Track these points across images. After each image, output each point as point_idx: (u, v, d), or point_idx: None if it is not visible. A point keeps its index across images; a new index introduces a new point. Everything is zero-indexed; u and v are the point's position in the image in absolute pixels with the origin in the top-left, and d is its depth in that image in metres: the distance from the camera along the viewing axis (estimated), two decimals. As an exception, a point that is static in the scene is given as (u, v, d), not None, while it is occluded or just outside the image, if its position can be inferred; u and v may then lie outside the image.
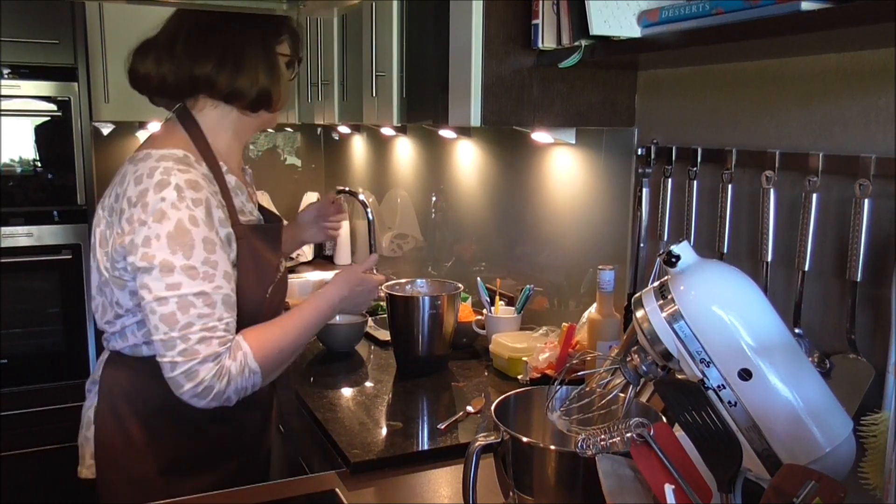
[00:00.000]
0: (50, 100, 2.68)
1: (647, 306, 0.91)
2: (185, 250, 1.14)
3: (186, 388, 1.14)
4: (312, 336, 1.35)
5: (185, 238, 1.13)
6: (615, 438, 0.86)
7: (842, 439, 0.86)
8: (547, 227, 1.92)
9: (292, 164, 3.66)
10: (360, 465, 1.29)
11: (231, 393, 1.17)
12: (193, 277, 1.14)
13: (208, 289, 1.15)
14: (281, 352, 1.24)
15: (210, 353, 1.14)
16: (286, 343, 1.25)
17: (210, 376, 1.14)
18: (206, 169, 1.23)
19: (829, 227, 1.15)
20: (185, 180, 1.16)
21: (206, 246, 1.15)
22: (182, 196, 1.14)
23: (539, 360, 1.64)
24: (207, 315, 1.14)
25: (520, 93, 1.43)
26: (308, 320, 1.31)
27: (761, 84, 1.27)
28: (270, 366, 1.22)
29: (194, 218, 1.14)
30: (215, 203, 1.19)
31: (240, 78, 1.23)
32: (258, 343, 1.20)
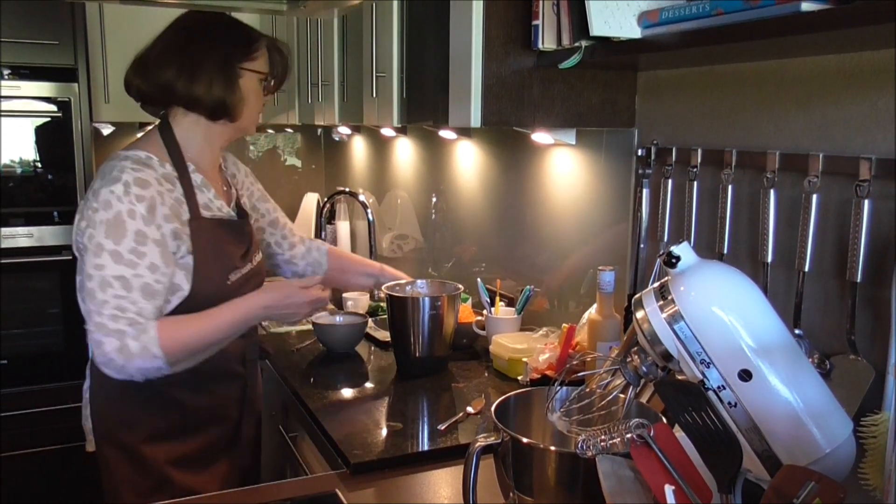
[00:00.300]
0: (50, 100, 2.68)
1: (647, 307, 0.91)
2: (117, 238, 1.29)
3: (95, 354, 1.31)
4: (230, 335, 1.41)
5: (120, 227, 1.29)
6: (615, 439, 0.86)
7: (842, 440, 0.86)
8: (547, 228, 1.92)
9: (292, 164, 3.66)
10: (360, 466, 1.29)
11: (133, 371, 1.30)
12: (117, 262, 1.29)
13: (128, 274, 1.29)
14: (187, 345, 1.34)
15: (115, 330, 1.28)
16: (196, 337, 1.36)
17: (112, 349, 1.28)
18: (170, 169, 1.39)
19: (828, 227, 1.15)
20: (134, 178, 1.32)
21: (136, 237, 1.30)
22: (128, 192, 1.30)
23: (539, 360, 1.64)
24: (122, 297, 1.29)
25: (520, 94, 1.44)
26: (224, 320, 1.38)
27: (761, 85, 1.27)
28: (177, 354, 1.32)
29: (133, 212, 1.30)
30: (163, 201, 1.34)
31: (195, 86, 1.37)
32: (167, 332, 1.31)
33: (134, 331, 1.29)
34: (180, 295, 1.37)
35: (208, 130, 1.45)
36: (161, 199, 1.34)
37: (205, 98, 1.38)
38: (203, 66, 1.38)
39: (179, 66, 1.38)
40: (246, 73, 1.42)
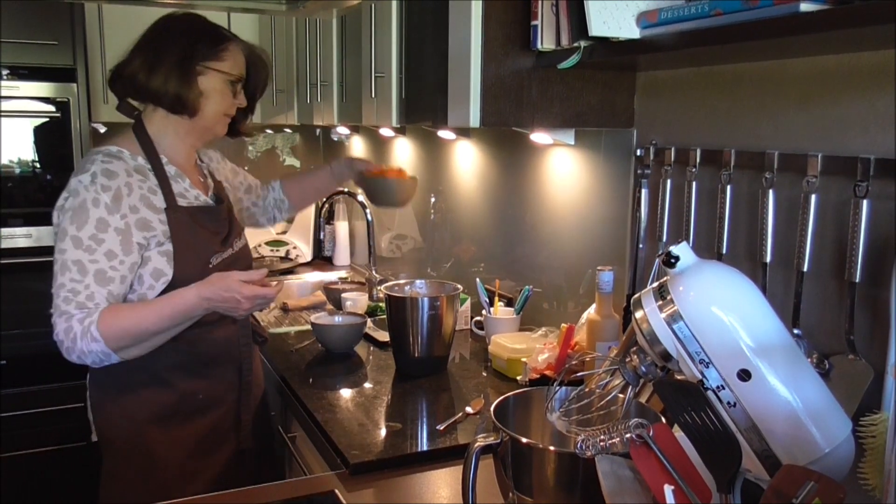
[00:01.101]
0: (49, 101, 2.68)
1: (646, 307, 0.91)
2: (79, 224, 1.35)
3: (54, 334, 1.36)
4: (171, 325, 1.41)
5: (83, 214, 1.36)
6: (614, 439, 0.86)
7: (841, 440, 0.86)
8: (546, 228, 1.92)
9: (291, 164, 3.66)
10: (359, 466, 1.29)
11: (80, 353, 1.35)
12: (77, 247, 1.35)
13: (85, 259, 1.35)
14: (126, 330, 1.36)
15: (65, 311, 1.35)
16: (134, 323, 1.37)
17: (61, 331, 1.35)
18: (143, 162, 1.46)
19: (827, 228, 1.15)
20: (102, 169, 1.38)
21: (98, 225, 1.36)
22: (94, 181, 1.37)
23: (538, 360, 1.64)
24: (77, 281, 1.35)
25: (519, 94, 1.44)
26: (162, 309, 1.39)
27: (760, 85, 1.27)
28: (117, 340, 1.35)
29: (97, 200, 1.36)
30: (131, 192, 1.39)
31: (152, 79, 1.42)
32: (108, 317, 1.35)
33: (80, 314, 1.34)
34: (164, 280, 1.42)
35: (177, 126, 1.50)
36: (129, 189, 1.39)
37: (160, 91, 1.43)
38: (161, 60, 1.43)
39: (142, 60, 1.44)
40: (209, 72, 1.46)
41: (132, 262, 1.40)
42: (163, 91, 1.43)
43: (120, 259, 1.38)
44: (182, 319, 1.41)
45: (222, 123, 1.54)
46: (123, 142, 1.48)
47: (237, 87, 1.53)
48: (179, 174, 1.50)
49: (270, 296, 1.43)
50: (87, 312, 1.35)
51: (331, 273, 3.01)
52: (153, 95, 1.45)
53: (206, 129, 1.53)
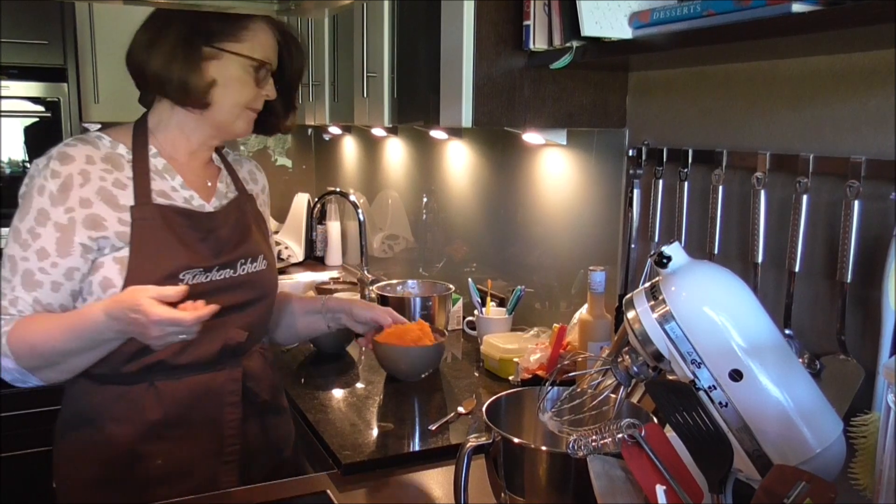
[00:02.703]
0: (39, 101, 2.66)
1: (638, 307, 0.91)
2: (22, 214, 1.18)
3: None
4: (82, 345, 1.15)
5: (27, 203, 1.18)
6: (606, 439, 0.85)
7: (832, 440, 0.86)
8: (538, 229, 1.92)
9: (283, 164, 3.65)
10: (351, 467, 1.29)
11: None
12: (14, 240, 1.18)
13: (17, 255, 1.17)
14: (34, 347, 1.14)
15: None
16: (41, 338, 1.14)
17: None
18: (123, 151, 1.24)
19: (819, 228, 1.15)
20: (58, 152, 1.19)
21: (37, 216, 1.17)
22: (47, 165, 1.18)
23: (530, 361, 1.64)
24: (7, 280, 1.17)
25: (511, 94, 1.43)
26: (71, 325, 1.14)
27: (752, 86, 1.28)
28: (26, 357, 1.14)
29: (43, 188, 1.17)
30: (86, 182, 1.18)
31: (152, 59, 1.20)
32: (19, 329, 1.14)
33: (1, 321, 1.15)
34: (112, 292, 1.17)
35: (183, 120, 1.27)
36: (84, 179, 1.17)
37: (163, 74, 1.20)
38: (164, 37, 1.20)
39: (145, 40, 1.22)
40: (224, 55, 1.22)
41: (69, 267, 1.17)
42: (165, 75, 1.20)
43: (52, 261, 1.16)
44: (91, 340, 1.14)
45: (244, 119, 1.28)
46: (114, 129, 1.28)
47: (261, 74, 1.26)
48: (169, 169, 1.26)
49: (185, 322, 1.07)
50: (6, 321, 1.15)
51: (323, 273, 3.00)
52: (155, 81, 1.22)
53: (222, 127, 1.28)
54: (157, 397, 1.23)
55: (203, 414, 1.27)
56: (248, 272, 1.31)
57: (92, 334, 1.13)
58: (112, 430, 1.23)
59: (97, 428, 1.23)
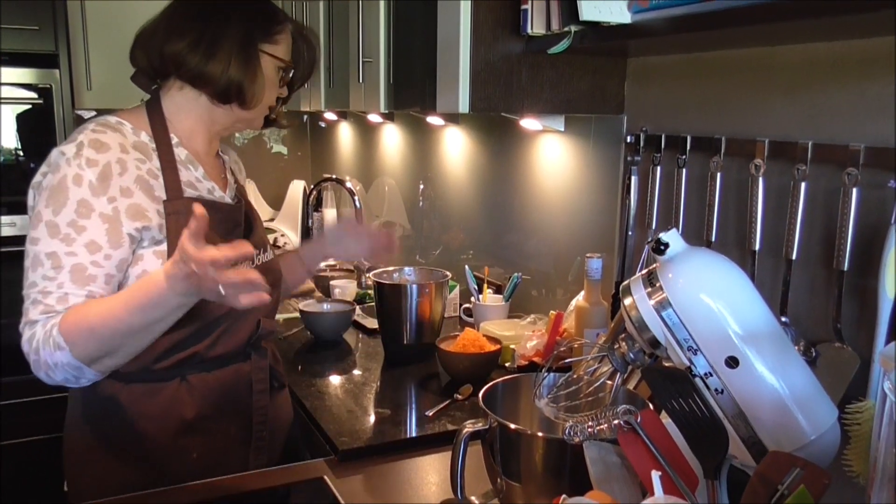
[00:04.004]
0: (31, 87, 2.63)
1: (635, 294, 0.91)
2: (56, 206, 1.10)
3: None
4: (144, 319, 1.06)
5: (61, 195, 1.10)
6: (602, 425, 0.86)
7: (827, 427, 0.87)
8: (535, 215, 1.92)
9: (279, 151, 3.63)
10: (348, 453, 1.29)
11: (44, 366, 1.08)
12: (52, 236, 1.09)
13: (61, 251, 1.09)
14: (93, 330, 1.06)
15: (31, 319, 1.09)
16: (100, 318, 1.06)
17: (24, 341, 1.10)
18: (146, 139, 1.20)
19: (816, 216, 1.15)
20: (90, 139, 1.12)
21: (79, 208, 1.10)
22: (79, 153, 1.11)
23: (527, 347, 1.64)
24: (50, 279, 1.09)
25: (508, 79, 1.43)
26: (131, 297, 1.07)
27: (751, 72, 1.27)
28: (82, 344, 1.06)
29: (80, 177, 1.10)
30: (125, 171, 1.13)
31: (210, 63, 1.19)
32: (71, 316, 1.07)
33: (47, 318, 1.08)
34: None
35: (207, 111, 1.26)
36: (122, 167, 1.13)
37: (219, 78, 1.20)
38: (222, 42, 1.20)
39: (195, 39, 1.19)
40: (264, 57, 1.24)
41: (121, 259, 1.13)
42: (221, 77, 1.20)
43: (105, 253, 1.11)
44: (157, 309, 1.06)
45: (263, 115, 1.31)
46: (128, 115, 1.23)
47: (286, 75, 1.30)
48: (192, 160, 1.24)
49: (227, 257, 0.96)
50: (53, 317, 1.08)
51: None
52: (204, 80, 1.21)
53: (247, 121, 1.30)
54: (189, 392, 1.23)
55: (234, 403, 1.28)
56: (262, 262, 1.33)
57: (157, 302, 1.04)
58: (145, 428, 1.21)
59: (126, 427, 1.21)
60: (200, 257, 0.95)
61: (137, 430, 1.22)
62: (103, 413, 1.22)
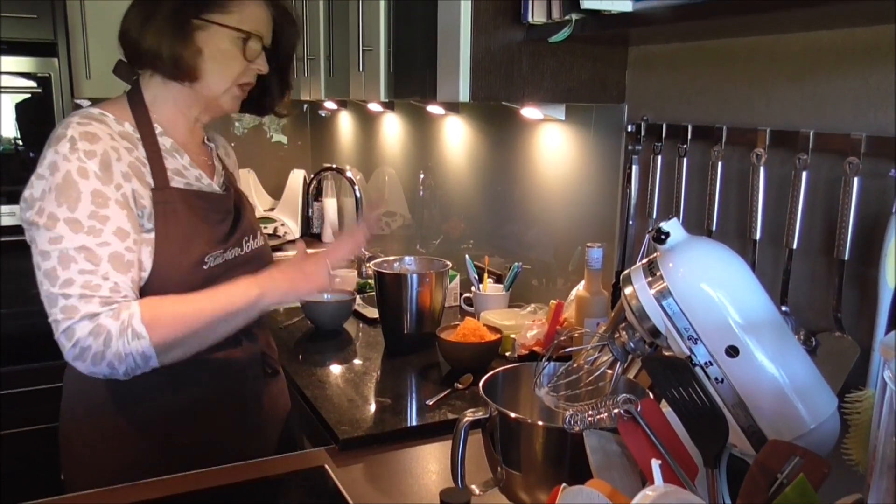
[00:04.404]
0: (30, 76, 2.63)
1: (635, 283, 0.91)
2: (70, 202, 1.09)
3: (67, 349, 1.10)
4: (230, 317, 1.17)
5: (72, 190, 1.09)
6: (602, 414, 0.86)
7: (826, 416, 0.87)
8: (535, 205, 1.91)
9: (279, 141, 3.63)
10: (348, 442, 1.29)
11: (111, 357, 1.09)
12: (76, 231, 1.09)
13: (92, 244, 1.09)
14: (176, 321, 1.12)
15: (88, 312, 1.08)
16: (182, 313, 1.13)
17: (85, 334, 1.08)
18: (130, 129, 1.20)
19: (817, 205, 1.15)
20: (80, 132, 1.12)
21: (94, 199, 1.10)
22: (74, 148, 1.11)
23: (527, 337, 1.64)
24: (90, 272, 1.09)
25: (509, 68, 1.42)
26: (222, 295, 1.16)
27: (753, 61, 1.26)
28: (164, 334, 1.11)
29: (84, 170, 1.10)
30: (120, 157, 1.14)
31: (146, 38, 1.17)
32: (151, 305, 1.11)
33: (110, 310, 1.09)
34: (142, 276, 1.16)
35: (177, 95, 1.24)
36: (117, 154, 1.14)
37: (153, 49, 1.18)
38: (155, 13, 1.18)
39: (135, 16, 1.19)
40: (210, 27, 1.19)
41: (141, 242, 1.15)
42: (156, 50, 1.17)
43: (133, 238, 1.13)
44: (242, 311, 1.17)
45: (231, 95, 1.26)
46: (110, 106, 1.22)
47: (249, 46, 1.23)
48: (177, 148, 1.24)
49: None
50: (120, 307, 1.10)
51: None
52: (147, 56, 1.19)
53: (211, 101, 1.26)
54: (183, 381, 1.23)
55: (227, 390, 1.28)
56: (252, 248, 1.33)
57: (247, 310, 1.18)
58: (138, 416, 1.22)
59: (119, 416, 1.22)
60: None
61: (130, 418, 1.23)
62: (97, 402, 1.23)
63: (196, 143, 1.32)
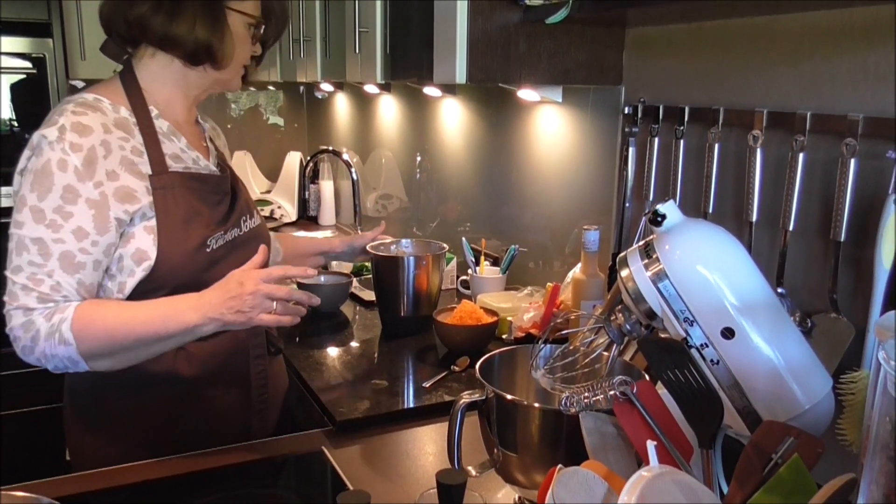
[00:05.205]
0: (24, 56, 2.61)
1: (631, 266, 0.91)
2: (41, 192, 1.09)
3: (7, 330, 1.11)
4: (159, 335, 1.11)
5: (46, 180, 1.09)
6: (598, 396, 0.86)
7: (821, 397, 0.87)
8: (532, 187, 1.91)
9: (275, 123, 3.61)
10: (345, 424, 1.30)
11: (39, 354, 1.10)
12: (38, 221, 1.09)
13: (48, 238, 1.09)
14: (107, 332, 1.10)
15: (24, 305, 1.09)
16: (113, 326, 1.10)
17: (17, 325, 1.10)
18: (126, 114, 1.18)
19: (814, 186, 1.15)
20: (72, 122, 1.11)
21: (65, 194, 1.09)
22: (62, 137, 1.10)
23: (524, 319, 1.64)
24: (38, 265, 1.09)
25: (506, 49, 1.41)
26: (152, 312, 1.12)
27: (750, 42, 1.26)
28: (91, 344, 1.10)
29: (64, 162, 1.09)
30: (109, 153, 1.12)
31: (174, 24, 1.16)
32: (86, 314, 1.10)
33: (44, 308, 1.10)
34: (147, 265, 1.15)
35: (181, 77, 1.24)
36: (106, 150, 1.12)
37: (186, 38, 1.17)
38: (186, 1, 1.17)
39: (156, 2, 1.17)
40: (232, 14, 1.21)
41: (108, 244, 1.13)
42: (188, 38, 1.17)
43: (92, 240, 1.11)
44: (175, 332, 1.11)
45: (239, 75, 1.29)
46: (104, 89, 1.20)
47: (257, 31, 1.27)
48: (173, 131, 1.23)
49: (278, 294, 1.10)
50: (54, 308, 1.10)
51: (316, 233, 2.99)
52: (171, 42, 1.18)
53: (223, 82, 1.27)
54: (188, 360, 1.24)
55: (232, 370, 1.29)
56: (249, 228, 1.33)
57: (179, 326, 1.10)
58: (147, 396, 1.23)
59: (125, 396, 1.23)
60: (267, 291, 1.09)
61: (136, 399, 1.23)
62: (102, 383, 1.23)
63: (191, 124, 1.31)
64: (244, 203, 1.34)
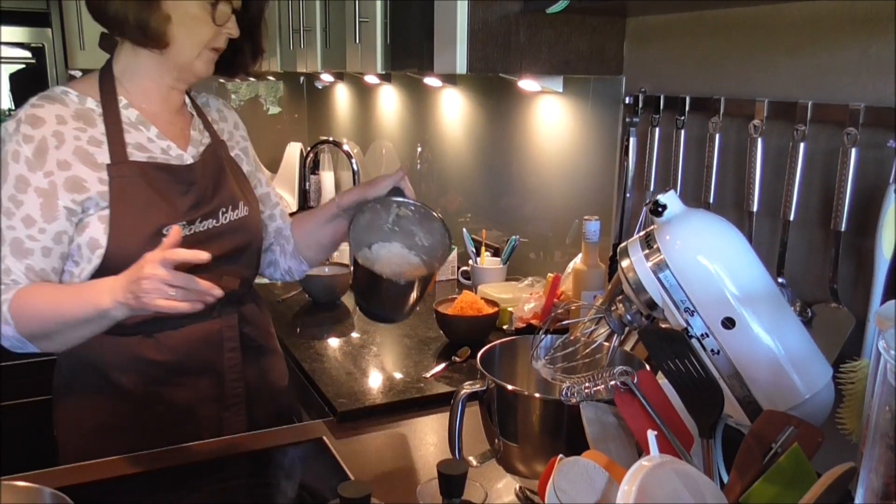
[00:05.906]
0: (23, 46, 2.60)
1: (632, 256, 0.91)
2: None
3: None
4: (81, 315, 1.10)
5: (3, 170, 1.14)
6: (599, 386, 0.86)
7: (821, 386, 0.87)
8: (533, 178, 1.91)
9: (275, 113, 3.60)
10: (347, 414, 1.30)
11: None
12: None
13: (2, 225, 1.13)
14: (37, 314, 1.12)
15: None
16: (46, 307, 1.12)
17: None
18: (92, 105, 1.20)
19: (815, 176, 1.15)
20: (27, 115, 1.15)
21: (17, 184, 1.14)
22: (17, 129, 1.14)
23: (524, 310, 1.65)
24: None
25: (506, 39, 1.40)
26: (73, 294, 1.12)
27: (752, 31, 1.25)
28: (26, 324, 1.12)
29: (17, 153, 1.14)
30: (61, 144, 1.15)
31: (112, 2, 1.16)
32: (24, 297, 1.12)
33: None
34: (99, 253, 1.17)
35: (148, 63, 1.23)
36: (58, 140, 1.15)
37: (119, 16, 1.16)
38: None
39: None
40: None
41: (57, 232, 1.15)
42: (122, 16, 1.16)
43: (39, 227, 1.14)
44: (91, 314, 1.10)
45: (204, 59, 1.23)
46: (80, 81, 1.24)
47: (218, 10, 1.20)
48: (142, 120, 1.23)
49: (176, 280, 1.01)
50: (3, 290, 1.13)
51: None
52: (114, 23, 1.18)
53: (183, 67, 1.23)
54: (157, 346, 1.24)
55: (203, 360, 1.28)
56: (230, 220, 1.30)
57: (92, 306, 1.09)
58: (116, 379, 1.24)
59: (100, 377, 1.24)
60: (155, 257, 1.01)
61: (111, 379, 1.24)
62: (83, 363, 1.25)
63: (172, 113, 1.29)
64: (228, 194, 1.30)
